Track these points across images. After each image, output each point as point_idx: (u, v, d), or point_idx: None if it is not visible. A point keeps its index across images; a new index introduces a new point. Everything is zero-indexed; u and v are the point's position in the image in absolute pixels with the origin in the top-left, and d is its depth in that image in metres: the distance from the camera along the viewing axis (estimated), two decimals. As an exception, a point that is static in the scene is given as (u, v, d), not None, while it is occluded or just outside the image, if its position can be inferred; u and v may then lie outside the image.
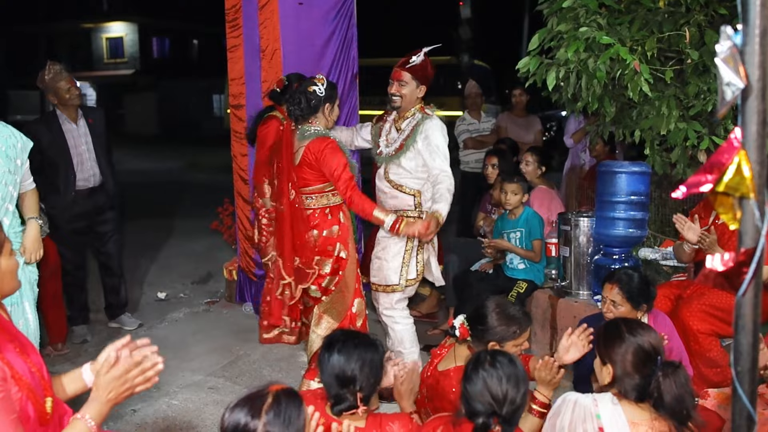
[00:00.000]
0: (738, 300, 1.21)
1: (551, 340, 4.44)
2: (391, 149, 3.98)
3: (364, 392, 2.29)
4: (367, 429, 2.28)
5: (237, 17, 5.19)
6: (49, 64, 4.69)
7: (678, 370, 2.21)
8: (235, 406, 1.71)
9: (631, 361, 2.29)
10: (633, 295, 3.16)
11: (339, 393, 2.28)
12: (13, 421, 1.73)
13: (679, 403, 2.18)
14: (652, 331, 2.38)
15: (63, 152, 4.67)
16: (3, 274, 1.88)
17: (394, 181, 3.96)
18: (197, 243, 7.81)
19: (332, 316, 3.82)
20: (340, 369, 2.28)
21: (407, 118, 3.98)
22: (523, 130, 6.85)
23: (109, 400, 1.79)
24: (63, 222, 4.71)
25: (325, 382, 2.32)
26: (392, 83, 3.94)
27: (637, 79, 3.62)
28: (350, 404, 2.27)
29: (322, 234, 3.75)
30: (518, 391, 2.14)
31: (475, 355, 2.28)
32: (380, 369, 2.38)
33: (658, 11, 3.97)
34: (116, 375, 1.78)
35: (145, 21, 33.80)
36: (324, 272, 3.78)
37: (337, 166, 3.64)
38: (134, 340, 1.87)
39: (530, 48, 4.04)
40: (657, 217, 5.58)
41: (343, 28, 5.17)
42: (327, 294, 3.82)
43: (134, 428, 3.62)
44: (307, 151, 3.69)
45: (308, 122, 3.77)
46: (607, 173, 4.12)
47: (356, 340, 2.37)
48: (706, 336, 3.59)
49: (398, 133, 3.99)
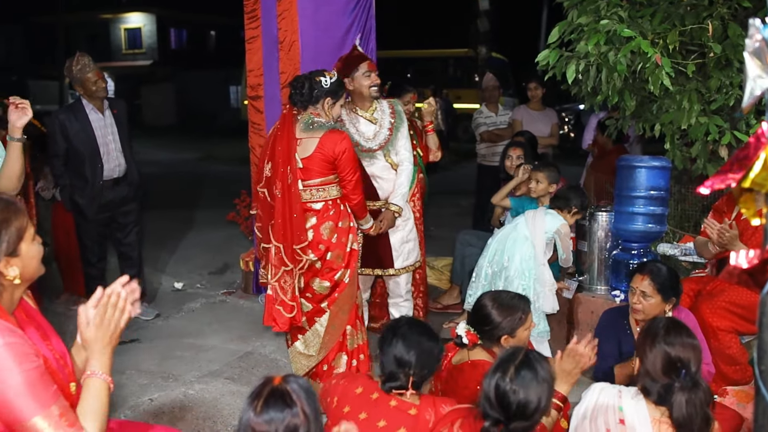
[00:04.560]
0: (763, 297, 1.20)
1: (568, 335, 4.42)
2: (379, 140, 4.06)
3: (416, 378, 2.42)
4: (422, 406, 2.39)
5: (255, 8, 5.18)
6: (78, 55, 4.73)
7: (696, 390, 2.18)
8: (263, 410, 1.67)
9: (656, 364, 2.28)
10: (664, 287, 3.15)
11: (394, 371, 2.42)
12: (55, 392, 1.77)
13: (688, 422, 2.16)
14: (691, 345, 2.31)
15: (90, 142, 4.72)
16: (28, 260, 1.89)
17: (395, 162, 4.13)
18: (214, 234, 7.83)
19: (344, 311, 3.77)
20: (400, 354, 2.42)
21: (375, 107, 4.12)
22: (540, 124, 6.80)
23: (104, 347, 1.86)
24: (90, 212, 4.76)
25: (384, 361, 2.47)
26: (372, 74, 4.03)
27: (658, 73, 3.57)
28: (401, 384, 2.40)
29: (338, 225, 3.69)
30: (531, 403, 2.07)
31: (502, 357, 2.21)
32: (435, 361, 2.54)
33: (680, 4, 3.92)
34: (96, 324, 1.84)
35: (164, 12, 33.92)
36: (336, 266, 3.69)
37: (351, 169, 3.66)
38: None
39: (550, 40, 4.00)
40: (676, 212, 5.54)
41: (361, 20, 5.15)
42: (339, 289, 3.71)
43: (151, 417, 3.64)
44: (322, 145, 3.58)
45: (309, 112, 3.68)
46: (627, 168, 4.08)
47: (419, 329, 2.53)
48: (726, 333, 3.56)
49: (375, 124, 4.08)
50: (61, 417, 1.73)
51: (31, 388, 1.72)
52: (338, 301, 3.74)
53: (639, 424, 2.24)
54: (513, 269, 4.01)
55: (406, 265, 4.23)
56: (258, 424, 1.66)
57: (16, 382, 1.70)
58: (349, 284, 3.76)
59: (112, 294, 1.85)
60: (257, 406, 1.68)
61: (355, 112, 4.10)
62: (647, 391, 2.28)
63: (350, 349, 3.81)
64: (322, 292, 3.73)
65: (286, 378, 1.74)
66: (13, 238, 1.84)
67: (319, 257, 3.67)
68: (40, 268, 1.96)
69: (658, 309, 3.16)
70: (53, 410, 1.73)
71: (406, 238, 4.19)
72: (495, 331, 2.83)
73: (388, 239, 4.15)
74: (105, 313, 1.84)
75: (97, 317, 1.84)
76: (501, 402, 2.08)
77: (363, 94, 4.04)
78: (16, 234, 1.85)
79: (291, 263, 3.66)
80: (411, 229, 4.25)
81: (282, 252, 3.66)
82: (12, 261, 1.85)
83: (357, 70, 4.00)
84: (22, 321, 1.90)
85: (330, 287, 3.72)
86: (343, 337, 3.79)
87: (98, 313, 1.84)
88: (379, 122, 4.09)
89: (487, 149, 6.91)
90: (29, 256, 1.90)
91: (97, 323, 1.84)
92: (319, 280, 3.71)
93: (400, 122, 4.13)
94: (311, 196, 3.66)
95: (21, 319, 1.91)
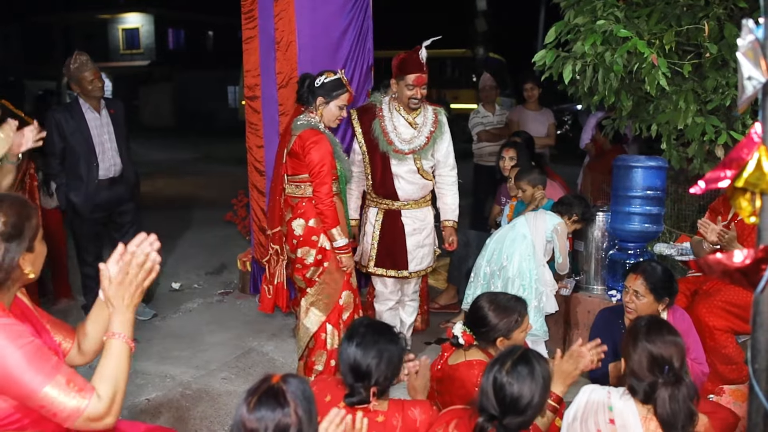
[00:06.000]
0: (756, 297, 1.20)
1: (564, 335, 4.43)
2: (414, 145, 4.05)
3: (379, 386, 2.29)
4: (389, 413, 2.31)
5: (253, 9, 5.18)
6: (76, 54, 4.73)
7: (679, 385, 2.20)
8: (256, 407, 1.67)
9: (640, 362, 2.29)
10: (656, 287, 3.16)
11: (353, 385, 2.30)
12: (57, 362, 1.80)
13: (672, 417, 2.17)
14: (673, 342, 2.32)
15: (86, 141, 4.71)
16: (39, 257, 1.97)
17: (427, 172, 4.14)
18: (211, 234, 7.84)
19: (319, 308, 3.80)
20: (356, 362, 2.29)
21: (419, 112, 4.11)
22: (537, 124, 6.80)
23: (127, 306, 1.86)
24: (85, 211, 4.75)
25: (342, 371, 2.34)
26: (416, 88, 3.97)
27: (655, 73, 3.58)
28: (362, 398, 2.28)
29: (308, 223, 3.74)
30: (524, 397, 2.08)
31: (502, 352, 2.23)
32: (399, 364, 2.38)
33: (676, 4, 3.93)
34: (119, 281, 1.84)
35: (161, 12, 33.94)
36: (308, 263, 3.76)
37: (317, 163, 3.66)
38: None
39: (547, 41, 4.00)
40: (673, 212, 5.55)
41: (358, 20, 5.15)
42: (311, 285, 3.80)
43: (148, 417, 3.64)
44: (297, 140, 3.71)
45: (306, 110, 3.80)
46: (624, 168, 4.09)
47: (377, 332, 2.36)
48: (722, 332, 3.57)
49: (414, 129, 4.08)
50: (68, 383, 1.76)
51: (32, 362, 1.75)
52: (307, 296, 3.81)
53: (629, 423, 2.26)
54: (512, 269, 4.01)
55: (419, 269, 4.23)
56: (249, 420, 1.66)
57: (16, 358, 1.74)
58: (320, 283, 3.78)
59: (136, 252, 1.84)
60: (251, 402, 1.68)
61: (399, 111, 4.10)
62: (634, 390, 2.30)
63: (329, 349, 3.82)
64: (301, 287, 3.86)
65: (285, 378, 1.73)
66: (32, 234, 1.92)
67: (292, 251, 3.80)
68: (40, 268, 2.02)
69: (650, 309, 3.16)
70: (59, 379, 1.75)
71: (421, 242, 4.19)
72: (491, 332, 2.84)
73: (404, 241, 4.15)
74: (128, 273, 1.84)
75: (120, 274, 1.84)
76: (497, 395, 2.09)
77: (402, 101, 4.06)
78: (35, 230, 1.93)
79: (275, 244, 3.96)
80: (428, 234, 4.24)
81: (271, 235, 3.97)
82: (27, 257, 1.91)
83: (404, 78, 3.98)
84: (17, 316, 1.93)
85: (305, 282, 3.81)
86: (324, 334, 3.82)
87: (122, 271, 1.84)
88: (419, 128, 4.09)
89: (484, 149, 6.91)
90: (41, 253, 1.98)
91: (119, 281, 1.84)
92: (296, 274, 3.84)
93: (440, 133, 4.14)
94: (293, 191, 3.81)
95: (16, 314, 1.94)
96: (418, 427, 2.31)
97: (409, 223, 4.15)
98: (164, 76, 31.49)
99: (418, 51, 3.98)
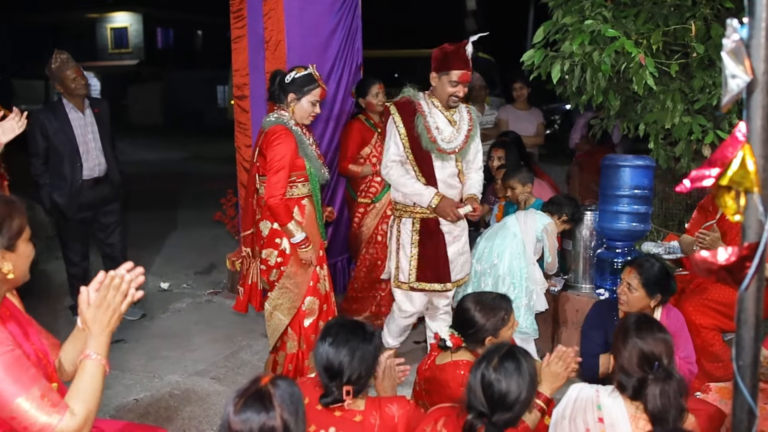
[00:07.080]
0: (740, 294, 1.21)
1: (553, 333, 4.45)
2: (454, 144, 3.86)
3: (354, 385, 2.26)
4: (366, 412, 2.29)
5: (241, 8, 5.17)
6: (56, 53, 4.69)
7: (669, 381, 2.21)
8: (242, 409, 1.67)
9: (630, 359, 2.30)
10: (649, 283, 3.19)
11: (327, 385, 2.28)
12: (35, 374, 1.78)
13: (663, 413, 2.18)
14: (662, 339, 2.34)
15: (69, 141, 4.67)
16: (23, 258, 1.95)
17: (465, 173, 3.99)
18: (200, 234, 7.82)
19: (282, 312, 3.73)
20: (329, 360, 2.26)
21: (456, 110, 3.91)
22: (526, 123, 6.82)
23: (103, 330, 1.85)
24: (70, 212, 4.72)
25: (318, 371, 2.32)
26: (459, 86, 3.75)
27: (642, 73, 3.60)
28: (335, 398, 2.27)
29: (273, 225, 3.65)
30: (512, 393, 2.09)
31: (488, 349, 2.24)
32: (373, 362, 2.35)
33: (664, 4, 3.95)
34: (96, 305, 1.84)
35: (150, 11, 33.77)
36: (271, 264, 3.69)
37: (274, 159, 3.52)
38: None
39: (535, 40, 4.02)
40: (660, 211, 5.58)
41: (347, 20, 5.15)
42: (272, 288, 3.73)
43: (136, 417, 3.63)
44: (264, 138, 3.61)
45: (277, 107, 3.68)
46: (611, 167, 4.11)
47: (349, 330, 2.33)
48: (709, 330, 3.59)
49: (453, 127, 3.87)
50: (42, 398, 1.74)
51: (8, 371, 1.73)
52: (270, 300, 3.75)
53: (617, 421, 2.26)
54: (503, 267, 4.02)
55: (458, 278, 4.01)
56: (234, 422, 1.66)
57: None
58: (280, 287, 3.70)
59: (116, 277, 1.86)
60: (238, 404, 1.68)
61: (437, 107, 3.86)
62: (623, 387, 2.31)
63: (289, 353, 3.77)
64: (266, 288, 3.80)
65: (274, 380, 1.73)
66: (13, 233, 1.89)
67: (259, 252, 3.74)
68: (27, 274, 1.99)
69: (642, 303, 3.19)
70: (34, 392, 1.74)
71: (461, 249, 3.99)
72: (479, 333, 2.84)
73: (446, 251, 3.91)
74: (106, 295, 1.84)
75: (97, 299, 1.84)
76: (485, 392, 2.09)
77: (441, 97, 3.83)
78: (16, 230, 1.90)
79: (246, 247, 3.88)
80: (466, 241, 4.03)
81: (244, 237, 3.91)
82: (8, 256, 1.89)
83: (449, 74, 3.73)
84: (3, 317, 1.92)
85: (269, 285, 3.76)
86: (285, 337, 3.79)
87: (100, 295, 1.84)
88: (457, 125, 3.89)
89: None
90: (24, 254, 1.95)
91: (97, 304, 1.84)
92: (261, 276, 3.79)
93: (475, 132, 3.96)
94: (263, 191, 3.66)
95: (3, 315, 1.93)
96: (396, 423, 2.30)
97: (448, 231, 3.91)
98: (153, 75, 31.35)
99: (465, 45, 3.72)
